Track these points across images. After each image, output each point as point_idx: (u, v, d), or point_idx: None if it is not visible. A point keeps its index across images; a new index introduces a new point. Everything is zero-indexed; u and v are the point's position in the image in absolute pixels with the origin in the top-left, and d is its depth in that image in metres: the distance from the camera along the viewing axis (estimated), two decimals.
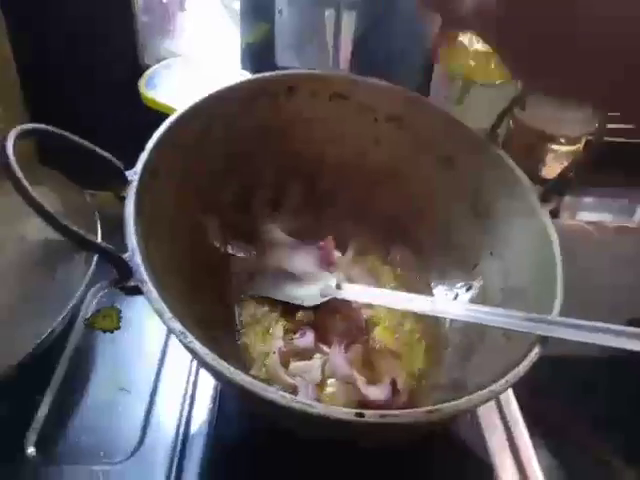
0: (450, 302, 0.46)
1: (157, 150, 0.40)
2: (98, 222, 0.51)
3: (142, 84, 0.57)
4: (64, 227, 0.31)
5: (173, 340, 0.49)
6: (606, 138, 0.73)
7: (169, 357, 0.48)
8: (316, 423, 0.30)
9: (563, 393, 0.63)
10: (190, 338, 0.31)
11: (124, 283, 0.33)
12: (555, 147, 0.63)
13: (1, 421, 0.42)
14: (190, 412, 0.43)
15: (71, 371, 0.46)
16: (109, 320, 0.50)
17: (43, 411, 0.43)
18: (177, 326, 0.31)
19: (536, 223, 0.42)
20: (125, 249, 0.33)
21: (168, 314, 0.32)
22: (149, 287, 0.32)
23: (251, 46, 0.61)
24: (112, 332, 0.49)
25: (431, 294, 0.49)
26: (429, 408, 0.29)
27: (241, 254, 0.49)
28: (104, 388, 0.45)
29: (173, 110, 0.42)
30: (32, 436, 0.41)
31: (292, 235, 0.51)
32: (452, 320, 0.46)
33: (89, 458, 0.40)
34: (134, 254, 0.33)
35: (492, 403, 0.46)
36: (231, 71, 0.60)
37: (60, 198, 0.53)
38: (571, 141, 0.61)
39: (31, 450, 0.40)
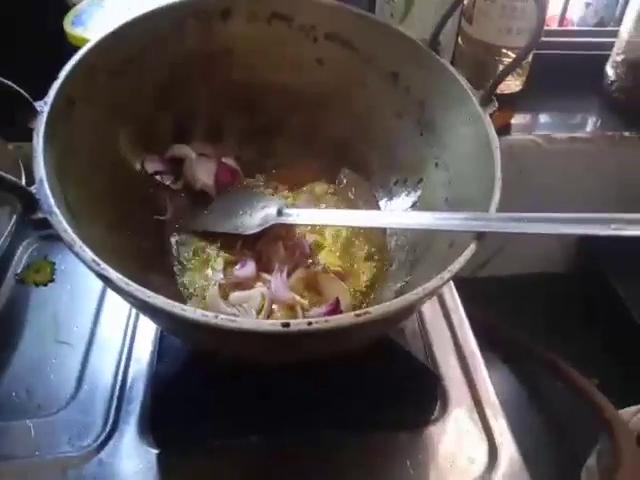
0: (393, 213, 0.45)
1: (73, 78, 0.36)
2: (22, 171, 0.48)
3: (67, 22, 0.53)
4: None
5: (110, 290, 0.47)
6: (555, 50, 0.71)
7: (106, 307, 0.46)
8: (245, 340, 0.29)
9: (508, 308, 0.65)
10: (103, 265, 0.29)
11: (30, 216, 0.30)
12: (505, 59, 0.61)
13: None
14: (128, 360, 0.42)
15: (2, 326, 0.43)
16: (42, 274, 0.47)
17: None
18: (88, 255, 0.29)
19: (477, 128, 0.40)
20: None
21: (79, 243, 0.29)
22: (58, 218, 0.30)
23: None
24: (46, 285, 0.47)
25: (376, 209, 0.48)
26: (357, 312, 0.28)
27: (176, 186, 0.47)
28: (38, 341, 0.43)
29: None
30: None
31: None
32: (397, 238, 0.45)
33: (23, 412, 0.39)
34: (41, 185, 0.31)
35: (440, 316, 0.46)
36: None
37: None
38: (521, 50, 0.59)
39: None
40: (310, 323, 0.27)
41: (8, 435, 0.37)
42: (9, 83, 0.34)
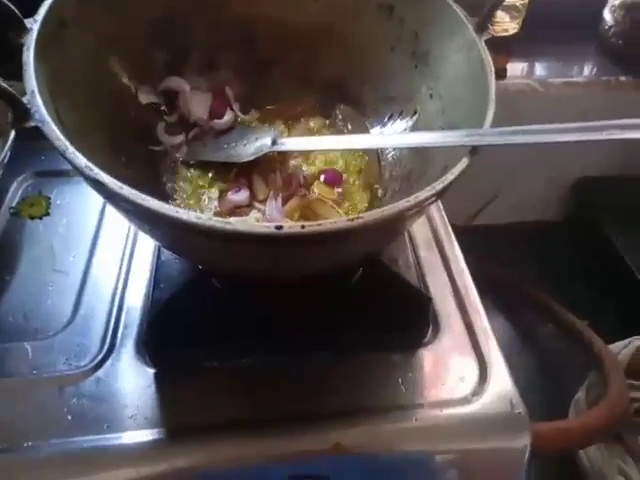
0: (387, 135, 0.45)
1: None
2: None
3: None
4: None
5: (107, 218, 0.47)
6: None
7: (102, 238, 0.46)
8: (239, 246, 0.29)
9: (502, 256, 0.66)
10: (96, 170, 0.29)
11: (22, 124, 0.30)
12: None
13: None
14: (125, 286, 0.43)
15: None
16: (37, 207, 0.47)
17: None
18: (81, 160, 0.29)
19: (472, 54, 0.40)
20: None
21: (70, 148, 0.29)
22: (50, 126, 0.30)
23: None
24: (41, 219, 0.47)
25: None
26: (350, 216, 0.28)
27: (170, 118, 0.46)
28: (35, 270, 0.43)
29: None
30: None
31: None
32: (392, 169, 0.45)
33: (21, 335, 0.39)
34: (33, 97, 0.31)
35: (434, 248, 0.46)
36: None
37: None
38: None
39: None
40: (303, 227, 0.27)
41: (6, 356, 0.38)
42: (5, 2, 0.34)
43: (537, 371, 0.60)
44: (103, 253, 0.45)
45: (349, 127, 0.50)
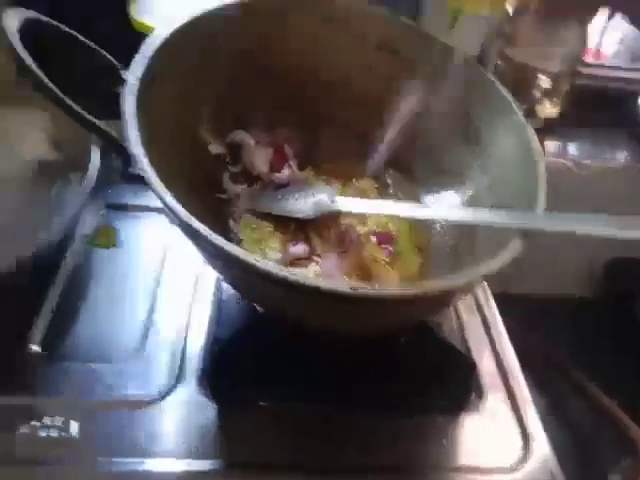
0: (440, 207, 0.48)
1: (154, 55, 0.40)
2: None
3: (133, 9, 0.57)
4: (69, 107, 0.32)
5: (170, 255, 0.51)
6: (589, 82, 0.75)
7: (166, 272, 0.49)
8: (310, 299, 0.31)
9: (534, 327, 0.67)
10: (193, 219, 0.32)
11: (128, 170, 0.34)
12: (543, 83, 0.65)
13: (4, 326, 0.43)
14: (189, 320, 0.45)
15: (71, 283, 0.47)
16: (106, 238, 0.51)
17: (45, 316, 0.44)
18: (180, 210, 0.32)
19: (521, 138, 0.44)
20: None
21: (169, 195, 0.32)
22: (150, 174, 0.33)
23: None
24: (109, 248, 0.50)
25: None
26: (418, 284, 0.31)
27: (235, 169, 0.50)
28: (104, 298, 0.46)
29: None
30: (36, 336, 0.43)
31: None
32: (440, 237, 0.48)
33: (93, 357, 0.42)
34: (133, 144, 0.34)
35: (475, 315, 0.48)
36: None
37: (55, 119, 0.54)
38: (558, 77, 0.62)
39: (35, 348, 0.42)
40: (375, 289, 0.30)
41: (84, 375, 0.41)
42: (102, 51, 0.38)
43: (570, 448, 0.61)
44: (167, 286, 0.48)
45: (399, 193, 0.53)
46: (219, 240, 0.31)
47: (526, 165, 0.42)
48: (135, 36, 0.53)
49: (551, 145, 0.73)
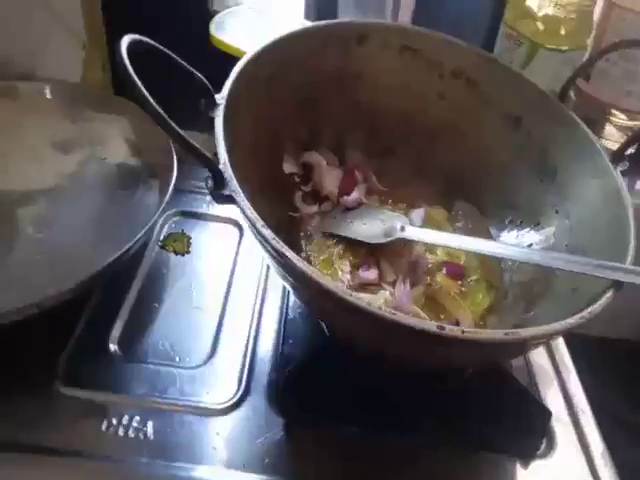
0: (519, 246, 0.47)
1: (239, 80, 0.41)
2: (173, 149, 0.53)
3: (212, 27, 0.59)
4: (172, 128, 0.33)
5: (240, 265, 0.52)
6: None
7: (236, 280, 0.50)
8: (398, 334, 0.31)
9: (595, 370, 0.65)
10: (282, 244, 0.32)
11: (219, 191, 0.35)
12: (619, 120, 0.63)
13: (87, 324, 0.45)
14: (257, 332, 0.46)
15: (147, 287, 0.49)
16: (180, 244, 0.52)
17: (123, 318, 0.46)
18: (269, 233, 0.33)
19: (608, 183, 0.43)
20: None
21: (260, 222, 0.33)
22: (241, 197, 0.34)
23: None
24: (183, 255, 0.52)
25: None
26: (506, 330, 0.31)
27: (306, 188, 0.51)
28: (177, 304, 0.48)
29: (241, 52, 0.44)
30: (114, 337, 0.44)
31: None
32: (512, 274, 0.47)
33: (166, 360, 0.43)
34: (226, 167, 0.35)
35: (546, 358, 0.47)
36: (294, 21, 0.62)
37: (137, 127, 0.56)
38: (635, 116, 0.60)
39: (114, 348, 0.44)
40: (464, 332, 0.30)
41: (159, 377, 0.42)
42: (197, 74, 0.39)
43: None
44: (237, 295, 0.49)
45: (470, 225, 0.52)
46: (309, 270, 0.31)
47: (613, 212, 0.41)
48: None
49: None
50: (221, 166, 0.35)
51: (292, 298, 0.48)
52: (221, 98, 0.39)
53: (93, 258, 0.42)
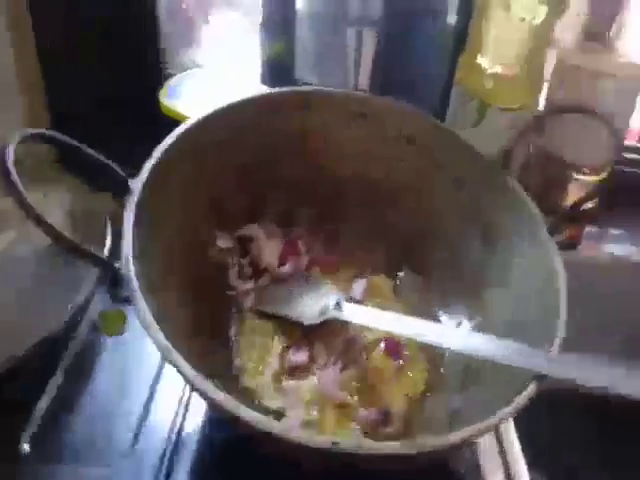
0: (453, 331, 0.45)
1: (165, 159, 0.40)
2: (109, 226, 0.51)
3: (163, 93, 0.58)
4: (59, 235, 0.32)
5: None
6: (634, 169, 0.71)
7: (167, 369, 0.47)
8: (291, 449, 0.30)
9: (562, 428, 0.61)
10: (175, 356, 0.31)
11: (115, 290, 0.33)
12: (577, 175, 0.61)
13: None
14: (183, 419, 0.44)
15: (72, 373, 0.46)
16: (115, 325, 0.50)
17: (40, 410, 0.43)
18: (162, 342, 0.31)
19: (543, 256, 0.41)
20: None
21: (154, 327, 0.32)
22: (140, 301, 0.33)
23: (271, 60, 0.62)
24: (117, 336, 0.50)
25: (434, 320, 0.48)
26: (405, 442, 0.29)
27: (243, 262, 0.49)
28: (103, 391, 0.46)
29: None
30: (28, 434, 0.42)
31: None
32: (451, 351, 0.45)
33: (81, 459, 0.41)
34: (128, 266, 0.34)
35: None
36: (250, 85, 0.61)
37: (73, 200, 0.55)
38: (594, 170, 0.59)
39: (26, 447, 0.41)
40: (359, 447, 0.28)
41: (72, 477, 0.40)
42: (109, 163, 0.38)
43: None
44: (167, 381, 0.47)
45: (411, 296, 0.50)
46: (198, 381, 0.30)
47: (547, 288, 0.39)
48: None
49: (590, 235, 0.68)
50: (122, 263, 0.34)
51: None
52: (138, 182, 0.38)
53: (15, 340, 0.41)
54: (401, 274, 0.51)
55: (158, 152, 0.40)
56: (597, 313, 0.64)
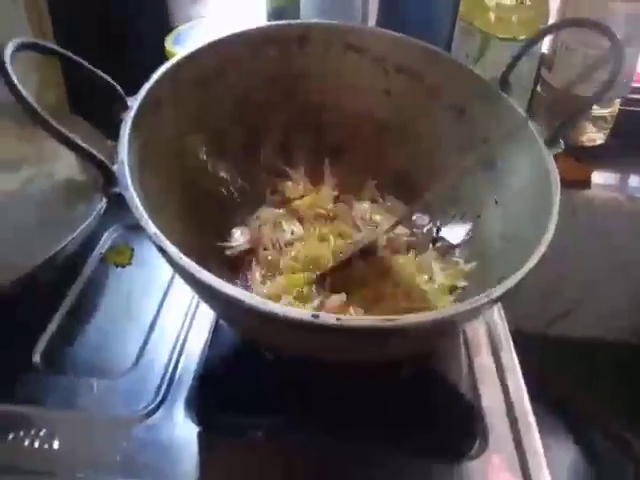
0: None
1: (161, 83, 0.41)
2: None
3: (169, 41, 0.59)
4: (48, 123, 0.33)
5: (177, 278, 0.51)
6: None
7: (172, 293, 0.50)
8: (276, 326, 0.30)
9: (572, 371, 0.61)
10: (163, 239, 0.32)
11: (109, 189, 0.34)
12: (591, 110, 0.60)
13: (13, 331, 0.44)
14: (184, 343, 0.45)
15: (82, 296, 0.49)
16: (122, 256, 0.52)
17: (52, 327, 0.46)
18: (152, 228, 0.32)
19: (540, 168, 0.40)
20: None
21: (145, 217, 0.33)
22: (131, 194, 0.33)
23: (276, 10, 0.62)
24: (124, 267, 0.52)
25: None
26: (387, 317, 0.29)
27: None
28: (110, 314, 0.48)
29: None
30: (40, 347, 0.44)
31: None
32: None
33: (88, 372, 0.43)
34: (122, 166, 0.35)
35: (490, 356, 0.44)
36: None
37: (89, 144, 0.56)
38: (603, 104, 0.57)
39: (37, 359, 0.43)
40: (339, 319, 0.28)
41: (75, 389, 0.42)
42: (107, 77, 0.39)
43: None
44: (171, 306, 0.48)
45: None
46: (184, 261, 0.31)
47: (541, 199, 0.39)
48: None
49: (604, 176, 0.67)
50: (117, 165, 0.35)
51: None
52: (134, 100, 0.39)
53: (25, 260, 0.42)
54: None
55: (157, 74, 0.41)
56: (612, 251, 0.62)
